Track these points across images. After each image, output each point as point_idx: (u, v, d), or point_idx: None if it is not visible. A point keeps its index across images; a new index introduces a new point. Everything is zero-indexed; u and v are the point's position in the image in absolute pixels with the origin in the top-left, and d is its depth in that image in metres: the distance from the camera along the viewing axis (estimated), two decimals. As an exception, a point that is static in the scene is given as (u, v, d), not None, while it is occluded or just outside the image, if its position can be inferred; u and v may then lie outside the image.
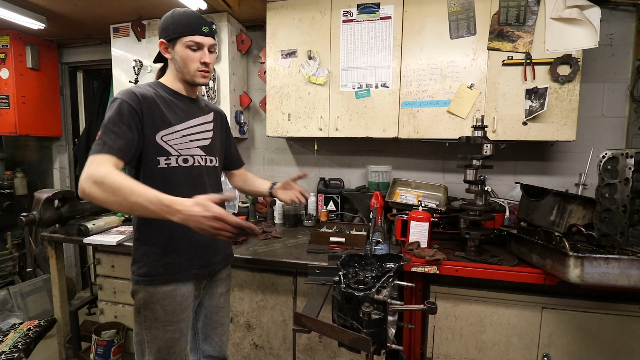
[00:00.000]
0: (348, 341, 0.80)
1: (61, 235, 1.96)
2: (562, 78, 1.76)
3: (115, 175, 0.91)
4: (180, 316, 1.16)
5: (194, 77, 1.16)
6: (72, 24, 2.55)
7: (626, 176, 1.42)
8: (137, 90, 1.08)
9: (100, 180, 0.90)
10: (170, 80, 1.19)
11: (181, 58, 1.13)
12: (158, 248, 1.14)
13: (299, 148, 2.59)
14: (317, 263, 1.57)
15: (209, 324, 1.33)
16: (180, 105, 1.18)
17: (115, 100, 1.05)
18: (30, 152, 3.24)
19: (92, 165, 0.94)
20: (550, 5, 1.75)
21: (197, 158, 1.19)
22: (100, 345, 1.95)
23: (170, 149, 1.12)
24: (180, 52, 1.12)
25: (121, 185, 0.89)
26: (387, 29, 1.95)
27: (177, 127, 1.14)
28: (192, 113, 1.21)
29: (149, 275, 1.13)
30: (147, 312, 1.13)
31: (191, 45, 1.11)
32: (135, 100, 1.05)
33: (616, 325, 1.42)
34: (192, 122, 1.19)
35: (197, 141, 1.20)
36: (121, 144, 1.00)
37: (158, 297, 1.13)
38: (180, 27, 1.11)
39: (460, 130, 1.91)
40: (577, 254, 1.23)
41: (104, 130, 1.01)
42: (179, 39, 1.11)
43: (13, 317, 2.48)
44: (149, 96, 1.09)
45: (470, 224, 1.66)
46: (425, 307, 0.83)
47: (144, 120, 1.06)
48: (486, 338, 1.55)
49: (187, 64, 1.13)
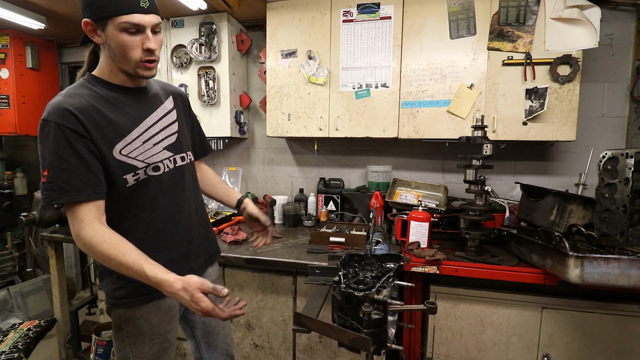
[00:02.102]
0: (348, 341, 0.80)
1: (61, 235, 1.96)
2: (562, 78, 1.76)
3: (100, 244, 0.84)
4: (167, 327, 1.07)
5: (135, 69, 0.92)
6: (72, 24, 2.55)
7: (626, 176, 1.41)
8: (69, 103, 0.85)
9: (89, 248, 0.85)
10: (107, 71, 0.95)
11: (116, 45, 0.87)
12: None
13: (299, 148, 2.59)
14: (317, 263, 1.57)
15: (209, 331, 1.24)
16: (129, 103, 0.96)
17: (46, 124, 0.83)
18: (30, 152, 3.24)
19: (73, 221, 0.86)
20: (550, 5, 1.75)
21: (166, 162, 1.02)
22: (100, 345, 1.95)
23: (134, 162, 0.94)
24: (113, 36, 0.86)
25: (108, 257, 0.84)
26: (387, 29, 1.95)
27: (133, 133, 0.94)
28: (146, 109, 0.99)
29: (128, 297, 1.00)
30: (130, 328, 1.02)
31: (127, 27, 0.86)
32: (71, 119, 0.83)
33: (616, 325, 1.42)
34: (149, 121, 0.99)
35: (162, 142, 1.01)
36: (80, 182, 0.84)
37: (141, 312, 1.02)
38: (109, 2, 0.84)
39: (460, 130, 1.91)
40: (577, 254, 1.23)
41: (51, 170, 0.83)
42: (110, 20, 0.85)
43: (13, 317, 2.48)
44: (86, 106, 0.87)
45: (470, 224, 1.66)
46: (425, 307, 0.83)
47: (93, 138, 0.86)
48: (486, 338, 1.55)
49: (125, 52, 0.88)
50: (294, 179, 2.63)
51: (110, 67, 0.94)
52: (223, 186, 1.32)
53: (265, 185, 2.69)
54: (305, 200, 2.43)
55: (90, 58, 1.01)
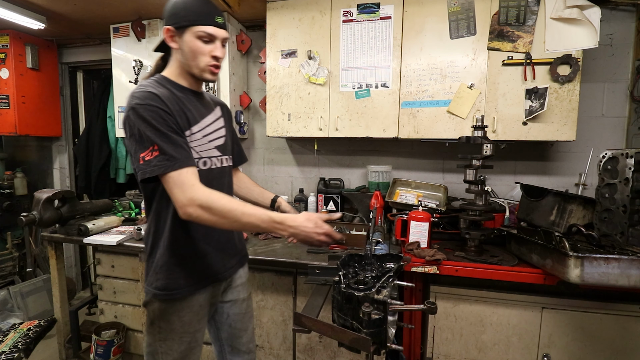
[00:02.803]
0: (348, 341, 0.80)
1: (61, 235, 1.97)
2: (562, 78, 1.76)
3: (219, 199, 0.92)
4: (197, 326, 1.12)
5: (202, 73, 1.05)
6: (72, 24, 2.55)
7: (626, 176, 1.42)
8: (153, 90, 0.97)
9: (207, 206, 0.91)
10: (175, 73, 1.08)
11: (190, 49, 1.01)
12: (177, 258, 1.07)
13: (299, 148, 2.59)
14: (317, 263, 1.57)
15: (234, 334, 1.28)
16: (192, 102, 1.08)
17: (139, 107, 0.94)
18: (30, 152, 3.24)
19: (184, 187, 0.92)
20: (550, 5, 1.75)
21: (214, 160, 1.13)
22: (100, 345, 1.95)
23: (192, 152, 1.03)
24: (189, 42, 1.01)
25: (230, 209, 0.91)
26: (387, 29, 1.95)
27: (194, 127, 1.06)
28: (204, 110, 1.12)
29: (168, 289, 1.06)
30: (162, 323, 1.08)
31: (203, 36, 1.00)
32: (161, 102, 0.96)
33: (616, 325, 1.42)
34: (206, 121, 1.11)
35: (214, 141, 1.13)
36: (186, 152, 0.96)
37: (175, 308, 1.07)
38: (192, 14, 0.99)
39: (460, 130, 1.91)
40: (577, 254, 1.23)
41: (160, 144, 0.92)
42: (188, 28, 1.00)
43: (13, 317, 2.48)
44: (166, 94, 0.99)
45: (470, 224, 1.66)
46: (425, 307, 0.83)
47: (176, 120, 0.99)
48: (486, 338, 1.55)
49: (196, 56, 1.02)
50: (294, 179, 2.63)
51: (179, 70, 1.08)
52: (257, 188, 1.42)
53: (265, 185, 2.69)
54: (305, 200, 2.43)
55: (158, 64, 1.15)
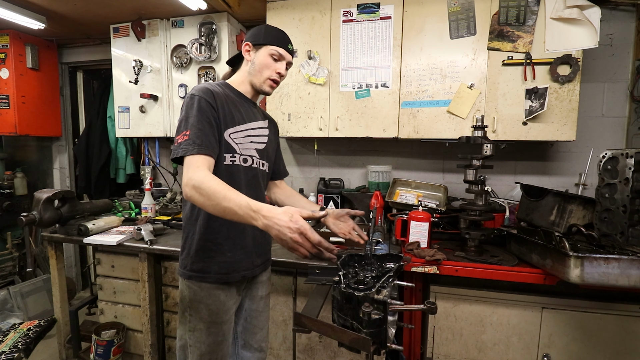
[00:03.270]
0: (348, 341, 0.80)
1: (61, 235, 1.96)
2: (562, 78, 1.76)
3: (210, 181, 0.95)
4: (224, 317, 1.18)
5: (262, 84, 1.21)
6: (72, 24, 2.55)
7: (626, 176, 1.42)
8: (210, 87, 1.13)
9: (198, 185, 0.95)
10: (238, 82, 1.25)
11: (260, 62, 1.18)
12: (215, 245, 1.15)
13: (299, 148, 2.59)
14: (317, 263, 1.57)
15: (249, 329, 1.32)
16: (244, 106, 1.22)
17: (192, 96, 1.09)
18: (30, 152, 3.24)
19: (190, 168, 1.00)
20: (550, 5, 1.75)
21: (254, 159, 1.22)
22: (100, 345, 1.95)
23: (235, 146, 1.16)
24: (261, 57, 1.18)
25: (215, 191, 0.93)
26: (387, 29, 1.95)
27: (241, 126, 1.18)
28: (252, 116, 1.25)
29: (203, 272, 1.15)
30: (191, 312, 1.16)
31: (274, 54, 1.18)
32: (210, 96, 1.10)
33: (616, 325, 1.42)
34: (252, 125, 1.23)
35: (255, 143, 1.24)
36: (208, 141, 1.05)
37: (203, 294, 1.15)
38: (271, 36, 1.18)
39: (460, 130, 1.91)
40: (577, 254, 1.23)
41: (190, 128, 1.04)
42: (265, 46, 1.18)
43: (13, 317, 2.48)
44: (220, 93, 1.14)
45: (470, 224, 1.66)
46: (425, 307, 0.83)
47: (219, 115, 1.11)
48: (486, 338, 1.55)
49: (262, 69, 1.18)
50: (294, 179, 2.63)
51: (242, 79, 1.24)
52: (303, 200, 1.50)
53: (265, 185, 2.69)
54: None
55: (227, 74, 1.32)
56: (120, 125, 2.55)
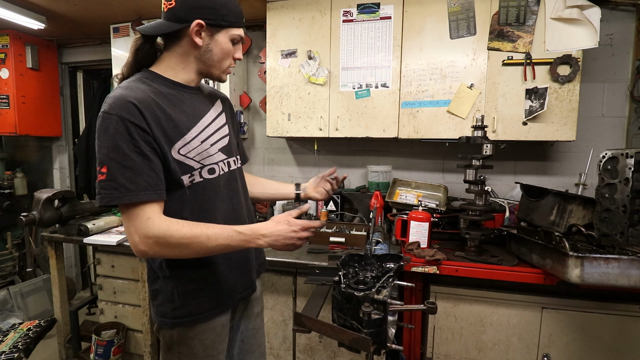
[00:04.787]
0: (348, 341, 0.80)
1: (61, 235, 1.96)
2: (562, 78, 1.76)
3: (177, 230, 0.80)
4: (220, 348, 1.02)
5: (220, 76, 0.98)
6: (72, 24, 2.56)
7: (626, 176, 1.41)
8: (132, 97, 0.80)
9: (164, 241, 0.79)
10: (169, 68, 0.93)
11: (222, 51, 0.92)
12: (199, 283, 0.95)
13: (299, 148, 2.59)
14: (317, 263, 1.58)
15: (246, 349, 1.18)
16: (186, 100, 0.94)
17: (107, 117, 0.78)
18: (30, 152, 3.24)
19: (136, 222, 0.79)
20: (550, 5, 1.75)
21: (221, 165, 0.99)
22: (100, 345, 1.95)
23: (191, 162, 0.90)
24: (223, 43, 0.92)
25: (192, 237, 0.80)
26: (387, 29, 1.95)
27: (190, 133, 0.90)
28: (201, 108, 0.97)
29: (192, 315, 0.95)
30: (182, 349, 0.96)
31: (236, 38, 0.94)
32: (135, 114, 0.79)
33: (616, 325, 1.42)
34: (205, 121, 0.96)
35: (217, 143, 0.98)
36: (145, 182, 0.79)
37: (197, 331, 0.96)
38: (232, 15, 0.90)
39: (460, 130, 1.91)
40: (577, 254, 1.23)
41: (112, 167, 0.77)
42: (226, 29, 0.91)
43: (13, 317, 2.47)
44: (148, 101, 0.83)
45: (470, 224, 1.66)
46: (425, 307, 0.83)
47: (155, 135, 0.82)
48: (486, 338, 1.55)
49: (223, 59, 0.94)
50: (294, 179, 2.62)
51: (184, 66, 0.93)
52: (272, 182, 1.32)
53: (265, 185, 2.69)
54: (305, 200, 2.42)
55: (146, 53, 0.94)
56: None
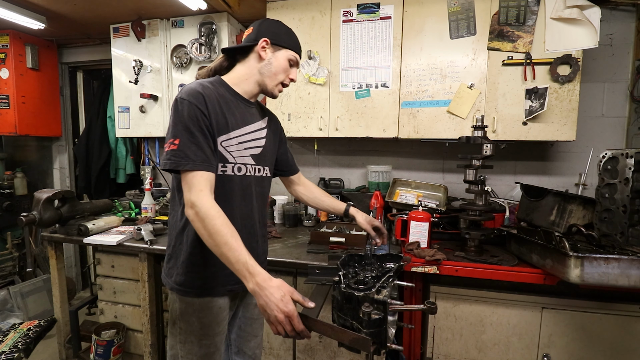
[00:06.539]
0: (348, 341, 0.80)
1: (61, 235, 1.96)
2: (562, 78, 1.76)
3: (215, 217, 0.91)
4: (217, 329, 1.13)
5: (273, 89, 1.14)
6: (72, 24, 2.55)
7: (626, 176, 1.41)
8: (201, 89, 1.02)
9: (202, 217, 0.91)
10: (239, 79, 1.13)
11: (279, 66, 1.11)
12: (202, 259, 1.08)
13: (299, 148, 2.59)
14: (317, 263, 1.57)
15: (243, 336, 1.29)
16: (239, 109, 1.12)
17: (181, 101, 0.99)
18: (30, 152, 3.24)
19: (192, 190, 0.94)
20: (550, 5, 1.75)
21: (249, 167, 1.14)
22: (100, 345, 1.95)
23: (228, 155, 1.07)
24: (281, 59, 1.11)
25: (218, 231, 0.89)
26: (387, 29, 1.95)
27: (233, 132, 1.08)
28: (249, 118, 1.15)
29: (185, 286, 1.09)
30: (182, 324, 1.11)
31: (292, 60, 1.14)
32: (200, 100, 1.00)
33: (616, 325, 1.42)
34: (247, 129, 1.13)
35: (250, 149, 1.14)
36: (204, 154, 0.97)
37: (194, 308, 1.09)
38: (292, 41, 1.14)
39: (460, 130, 1.91)
40: (577, 254, 1.23)
41: (182, 140, 0.96)
42: (285, 49, 1.12)
43: (13, 317, 2.48)
44: (212, 97, 1.03)
45: (470, 224, 1.66)
46: (425, 307, 0.83)
47: (211, 122, 1.01)
48: (486, 338, 1.55)
49: (278, 73, 1.12)
50: (294, 179, 2.62)
51: (247, 77, 1.13)
52: (327, 198, 1.46)
53: (265, 185, 2.69)
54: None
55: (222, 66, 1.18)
56: (120, 125, 2.55)
